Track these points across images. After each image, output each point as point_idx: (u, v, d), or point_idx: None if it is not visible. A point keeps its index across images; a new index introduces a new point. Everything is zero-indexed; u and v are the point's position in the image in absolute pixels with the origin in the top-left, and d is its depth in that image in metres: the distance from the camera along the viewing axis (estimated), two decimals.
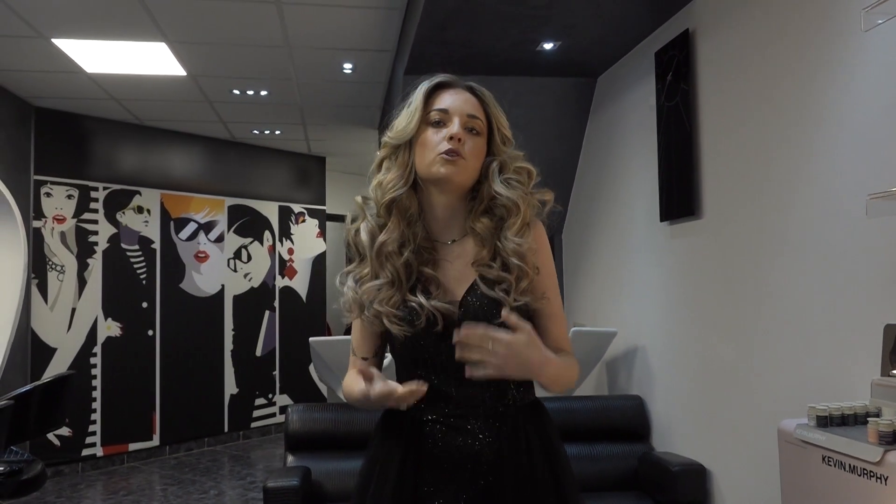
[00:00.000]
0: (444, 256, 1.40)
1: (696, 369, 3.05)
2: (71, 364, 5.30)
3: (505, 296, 1.33)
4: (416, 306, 1.32)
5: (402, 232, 1.37)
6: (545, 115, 4.15)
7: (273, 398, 6.72)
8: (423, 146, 1.37)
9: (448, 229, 1.42)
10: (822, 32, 2.26)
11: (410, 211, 1.38)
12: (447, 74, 1.43)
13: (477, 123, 1.38)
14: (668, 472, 2.96)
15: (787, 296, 2.44)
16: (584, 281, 4.29)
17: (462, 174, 1.35)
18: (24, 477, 3.21)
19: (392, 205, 1.37)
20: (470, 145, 1.36)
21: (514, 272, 1.34)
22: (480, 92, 1.42)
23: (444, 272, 1.38)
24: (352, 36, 3.98)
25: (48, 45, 4.01)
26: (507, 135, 1.42)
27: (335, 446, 3.18)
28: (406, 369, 1.38)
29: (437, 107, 1.37)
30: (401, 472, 1.33)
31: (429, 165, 1.35)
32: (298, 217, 7.09)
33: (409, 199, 1.38)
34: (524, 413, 1.38)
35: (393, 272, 1.34)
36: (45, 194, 5.27)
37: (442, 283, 1.36)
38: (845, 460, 1.69)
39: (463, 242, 1.41)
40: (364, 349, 1.43)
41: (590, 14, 3.13)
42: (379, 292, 1.34)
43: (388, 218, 1.37)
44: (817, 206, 2.30)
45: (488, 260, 1.36)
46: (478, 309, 1.33)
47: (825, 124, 2.26)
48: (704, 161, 2.96)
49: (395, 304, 1.33)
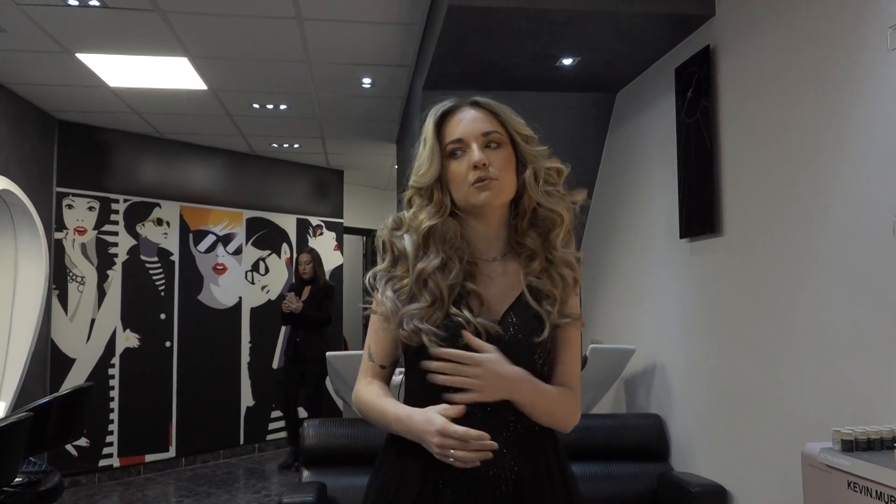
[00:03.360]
0: (487, 273, 1.38)
1: (716, 389, 3.01)
2: (89, 375, 5.33)
3: (549, 311, 1.33)
4: (462, 321, 1.31)
5: (444, 255, 1.35)
6: (564, 130, 4.14)
7: None
8: (453, 181, 1.36)
9: (490, 248, 1.41)
10: (847, 51, 2.24)
11: (449, 235, 1.36)
12: (450, 98, 1.41)
13: (495, 137, 1.36)
14: (688, 492, 2.91)
15: (811, 316, 2.40)
16: (602, 297, 4.26)
17: (499, 196, 1.35)
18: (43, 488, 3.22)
19: (429, 234, 1.36)
20: (496, 162, 1.34)
21: (559, 287, 1.35)
22: (487, 104, 1.39)
23: (486, 288, 1.36)
24: (371, 51, 4.00)
25: (72, 59, 4.07)
26: (527, 134, 1.40)
27: (351, 462, 3.15)
28: (430, 387, 1.32)
29: (451, 139, 1.36)
30: (421, 491, 1.31)
31: (465, 197, 1.35)
32: (316, 230, 7.12)
33: (445, 225, 1.36)
34: (541, 435, 1.37)
35: (435, 293, 1.32)
36: (66, 206, 5.33)
37: (485, 300, 1.35)
38: (872, 486, 1.66)
39: (505, 261, 1.40)
40: (384, 358, 1.41)
41: (609, 30, 3.12)
42: (419, 311, 1.33)
43: (427, 246, 1.36)
44: (842, 224, 2.26)
45: (538, 272, 1.36)
46: (518, 327, 1.33)
47: (850, 143, 2.23)
48: (725, 178, 2.93)
49: (436, 321, 1.31)
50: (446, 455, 1.22)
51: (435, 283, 1.32)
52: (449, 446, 1.21)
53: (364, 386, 1.41)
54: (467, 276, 1.35)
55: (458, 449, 1.21)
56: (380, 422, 1.36)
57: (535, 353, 1.33)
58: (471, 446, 1.20)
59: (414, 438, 1.28)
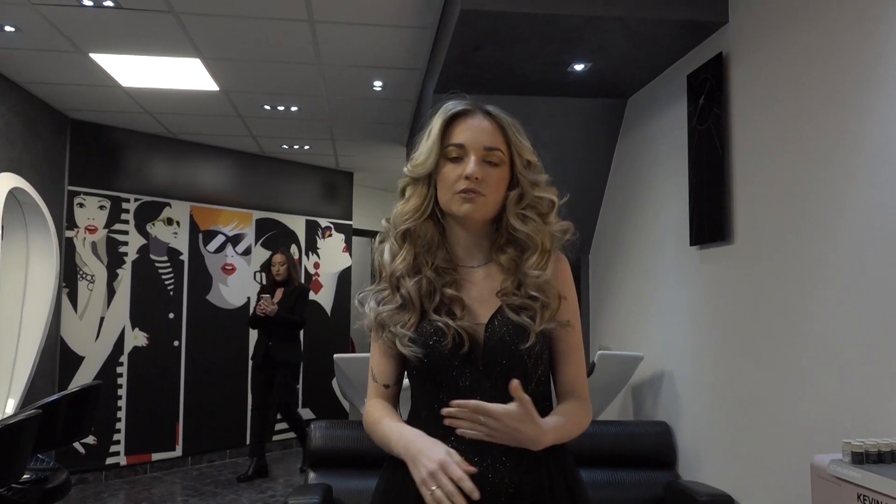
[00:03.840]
0: (468, 279, 1.38)
1: (725, 397, 3.00)
2: (98, 373, 5.35)
3: (531, 322, 1.32)
4: (442, 326, 1.30)
5: (416, 258, 1.36)
6: (574, 135, 4.13)
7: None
8: (442, 182, 1.36)
9: (471, 256, 1.41)
10: (861, 59, 2.23)
11: (426, 239, 1.37)
12: (465, 99, 1.40)
13: (496, 155, 1.35)
14: (696, 501, 2.89)
15: (822, 325, 2.38)
16: (610, 304, 4.24)
17: (481, 210, 1.34)
18: (50, 485, 3.23)
19: (406, 234, 1.37)
20: (489, 179, 1.33)
21: (536, 302, 1.33)
22: (498, 118, 1.38)
23: (468, 294, 1.36)
24: (383, 54, 4.01)
25: (86, 59, 4.09)
26: (530, 160, 1.38)
27: (357, 464, 3.15)
28: (427, 394, 1.35)
29: (453, 141, 1.35)
30: (419, 499, 1.31)
31: (448, 203, 1.35)
32: (325, 231, 7.13)
33: (423, 227, 1.37)
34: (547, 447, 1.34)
35: (405, 295, 1.33)
36: (78, 205, 5.36)
37: (467, 305, 1.35)
38: (883, 499, 1.64)
39: (487, 268, 1.40)
40: (386, 376, 1.41)
41: (621, 36, 3.12)
42: (393, 315, 1.34)
43: (403, 245, 1.37)
44: (854, 233, 2.25)
45: (513, 289, 1.35)
46: (504, 332, 1.32)
47: (863, 152, 2.21)
48: (737, 185, 2.92)
49: (410, 325, 1.32)
50: (428, 485, 1.18)
51: (405, 286, 1.33)
52: (438, 480, 1.17)
53: (369, 407, 1.42)
54: (448, 283, 1.35)
55: (444, 489, 1.17)
56: (380, 438, 1.36)
57: (524, 357, 1.32)
58: (454, 492, 1.16)
59: (407, 456, 1.25)
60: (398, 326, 1.32)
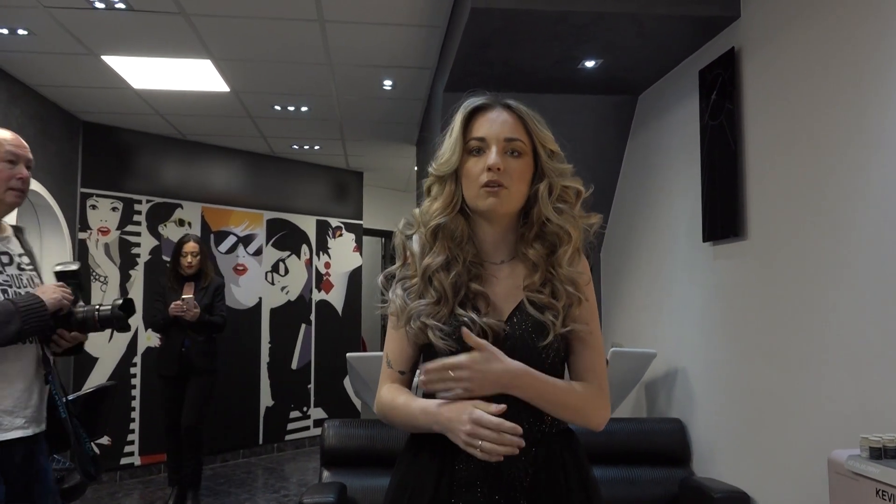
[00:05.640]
0: (494, 274, 1.39)
1: (739, 394, 2.98)
2: (111, 374, 5.38)
3: (552, 321, 1.32)
4: (468, 321, 1.31)
5: (449, 254, 1.36)
6: (585, 133, 4.12)
7: (308, 411, 6.75)
8: (466, 177, 1.36)
9: (497, 251, 1.41)
10: (876, 54, 2.21)
11: (456, 234, 1.37)
12: (484, 95, 1.41)
13: (517, 145, 1.35)
14: (711, 498, 2.88)
15: (838, 321, 2.37)
16: (623, 301, 4.23)
17: (506, 204, 1.34)
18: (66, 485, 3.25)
19: (437, 230, 1.37)
20: (511, 170, 1.34)
21: (562, 300, 1.33)
22: (518, 110, 1.39)
23: (493, 289, 1.37)
24: (393, 53, 4.01)
25: (97, 62, 4.12)
26: (552, 149, 1.39)
27: (371, 463, 3.16)
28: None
29: (474, 135, 1.36)
30: (436, 491, 1.31)
31: (473, 198, 1.35)
32: (336, 231, 7.15)
33: (454, 223, 1.37)
34: (559, 439, 1.36)
35: (440, 290, 1.34)
36: (90, 206, 5.39)
37: (491, 300, 1.35)
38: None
39: (512, 264, 1.40)
40: (402, 362, 1.41)
41: (632, 32, 3.11)
42: (426, 308, 1.34)
43: (434, 242, 1.37)
44: (869, 229, 2.23)
45: (538, 286, 1.35)
46: (524, 328, 1.33)
47: (878, 147, 2.20)
48: (750, 181, 2.90)
49: (442, 318, 1.32)
50: (474, 444, 1.20)
51: (439, 280, 1.34)
52: (479, 435, 1.19)
53: (384, 391, 1.41)
54: (473, 277, 1.36)
55: (488, 440, 1.19)
56: (403, 418, 1.35)
57: (543, 353, 1.33)
58: (502, 438, 1.19)
59: (440, 429, 1.26)
60: (431, 319, 1.32)
